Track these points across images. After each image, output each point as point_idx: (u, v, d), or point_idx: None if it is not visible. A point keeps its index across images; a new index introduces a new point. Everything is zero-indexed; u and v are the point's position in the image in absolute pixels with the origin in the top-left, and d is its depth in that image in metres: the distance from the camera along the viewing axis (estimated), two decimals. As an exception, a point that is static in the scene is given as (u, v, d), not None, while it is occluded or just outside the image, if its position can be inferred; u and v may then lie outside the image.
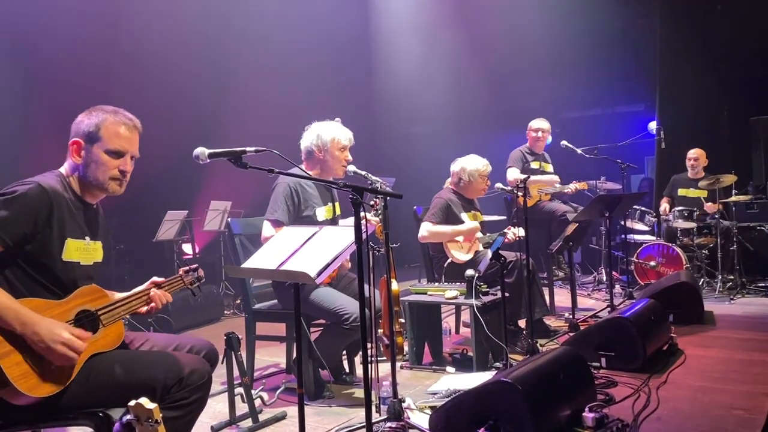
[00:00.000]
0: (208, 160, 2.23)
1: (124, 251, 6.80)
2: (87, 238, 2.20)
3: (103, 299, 2.13)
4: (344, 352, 3.85)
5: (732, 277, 6.40)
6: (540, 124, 6.12)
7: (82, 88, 5.90)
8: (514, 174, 5.88)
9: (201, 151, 2.23)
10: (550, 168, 6.25)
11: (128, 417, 1.61)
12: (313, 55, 8.33)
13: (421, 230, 4.51)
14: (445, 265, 4.55)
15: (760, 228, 6.57)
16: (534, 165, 6.05)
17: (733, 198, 6.47)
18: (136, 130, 2.23)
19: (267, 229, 3.58)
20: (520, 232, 4.38)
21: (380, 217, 3.06)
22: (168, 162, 6.48)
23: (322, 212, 3.71)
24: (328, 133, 3.69)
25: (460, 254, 4.50)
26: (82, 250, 2.16)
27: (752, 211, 6.96)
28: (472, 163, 4.65)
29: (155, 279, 2.33)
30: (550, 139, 6.46)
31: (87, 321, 2.05)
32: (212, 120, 7.33)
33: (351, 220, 2.50)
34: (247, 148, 2.25)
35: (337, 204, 3.88)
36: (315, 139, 3.70)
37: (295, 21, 8.17)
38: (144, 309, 2.26)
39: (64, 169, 2.21)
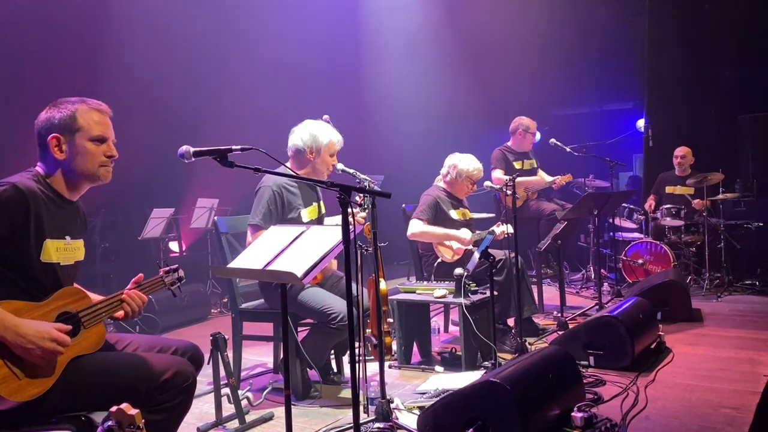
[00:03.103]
0: (194, 159, 2.20)
1: (109, 249, 6.71)
2: (68, 237, 2.14)
3: (84, 300, 2.09)
4: (332, 351, 3.82)
5: (719, 274, 6.43)
6: (526, 123, 6.13)
7: (67, 86, 5.75)
8: (498, 175, 5.89)
9: (186, 149, 2.19)
10: (534, 163, 6.23)
11: (110, 422, 1.57)
12: (303, 52, 8.29)
13: (410, 227, 4.48)
14: (435, 264, 4.53)
15: (747, 226, 6.60)
16: (516, 165, 6.05)
17: (721, 196, 6.51)
18: (107, 114, 2.19)
19: (248, 234, 3.57)
20: (509, 228, 4.36)
21: (366, 212, 3.03)
22: (154, 159, 6.41)
23: (306, 214, 3.66)
24: (324, 136, 3.60)
25: (449, 253, 4.48)
26: (63, 251, 2.10)
27: (739, 209, 7.00)
28: (464, 163, 4.61)
29: (137, 278, 2.25)
30: (538, 136, 6.46)
31: (68, 323, 1.99)
32: (199, 117, 7.25)
33: (336, 219, 2.47)
34: (233, 147, 2.21)
35: (321, 203, 3.85)
36: (309, 140, 3.59)
37: (285, 18, 8.11)
38: (120, 313, 2.17)
39: (41, 169, 2.13)
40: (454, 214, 4.58)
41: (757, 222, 6.56)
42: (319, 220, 3.77)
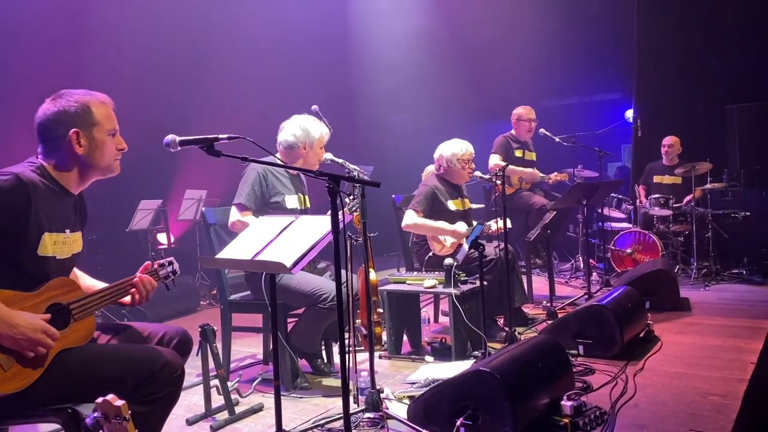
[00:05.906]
0: (179, 148, 2.17)
1: (97, 241, 6.65)
2: (68, 230, 2.10)
3: (75, 292, 2.05)
4: (322, 342, 3.81)
5: (707, 263, 6.47)
6: (526, 112, 6.16)
7: (52, 77, 5.74)
8: (494, 161, 5.88)
9: (172, 138, 2.17)
10: (533, 156, 6.26)
11: (96, 414, 1.55)
12: (291, 43, 8.23)
13: (405, 218, 4.41)
14: (426, 257, 4.49)
15: (734, 215, 6.64)
16: (517, 153, 6.06)
17: (708, 186, 6.55)
18: (112, 107, 2.17)
19: (232, 213, 3.59)
20: (502, 224, 4.30)
21: (355, 200, 3.02)
22: (142, 150, 6.31)
23: (293, 200, 3.68)
24: (315, 130, 3.70)
25: (439, 247, 4.44)
26: (60, 244, 2.06)
27: (727, 198, 7.04)
28: (448, 149, 4.54)
29: (145, 266, 2.25)
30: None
31: (58, 315, 1.97)
32: (186, 107, 7.20)
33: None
34: (220, 136, 2.19)
35: (307, 197, 3.86)
36: (302, 135, 3.68)
37: (272, 7, 8.05)
38: (127, 299, 2.17)
39: (46, 161, 2.07)
40: (452, 205, 4.49)
41: (744, 211, 6.60)
42: (304, 212, 3.76)
